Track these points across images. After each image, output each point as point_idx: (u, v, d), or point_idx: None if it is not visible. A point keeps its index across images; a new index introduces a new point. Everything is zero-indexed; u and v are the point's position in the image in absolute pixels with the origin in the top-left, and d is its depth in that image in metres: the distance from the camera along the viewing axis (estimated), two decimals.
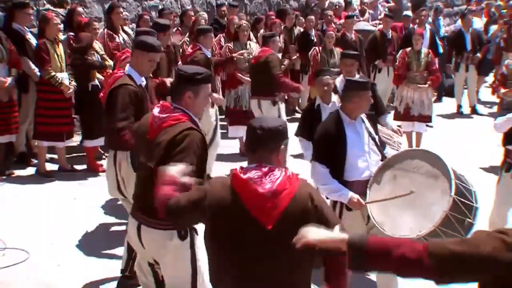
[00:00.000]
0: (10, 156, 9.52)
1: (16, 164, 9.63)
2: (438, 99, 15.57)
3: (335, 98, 6.99)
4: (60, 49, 9.30)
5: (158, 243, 4.67)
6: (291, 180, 3.55)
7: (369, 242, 2.89)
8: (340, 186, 5.36)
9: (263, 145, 3.60)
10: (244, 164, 3.69)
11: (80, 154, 10.24)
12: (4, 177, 9.11)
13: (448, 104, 15.43)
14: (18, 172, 9.43)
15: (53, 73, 8.93)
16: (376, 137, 5.64)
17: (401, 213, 5.02)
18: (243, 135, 10.10)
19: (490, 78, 16.46)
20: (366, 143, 5.49)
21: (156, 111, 4.66)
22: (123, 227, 7.12)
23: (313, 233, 3.17)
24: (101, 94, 6.33)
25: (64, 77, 9.18)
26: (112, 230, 7.66)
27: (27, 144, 9.80)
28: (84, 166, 9.79)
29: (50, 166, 9.63)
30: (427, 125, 11.77)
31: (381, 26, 14.25)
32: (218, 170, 9.05)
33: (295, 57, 13.46)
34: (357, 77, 5.83)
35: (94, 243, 7.35)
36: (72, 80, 9.26)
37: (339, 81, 8.10)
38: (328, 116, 5.82)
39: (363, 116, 5.62)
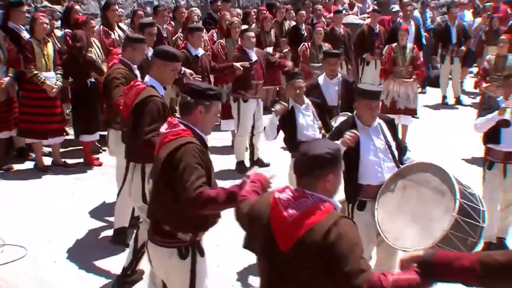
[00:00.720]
0: (10, 151, 9.40)
1: (15, 159, 9.50)
2: (422, 90, 15.45)
3: (307, 100, 6.91)
4: (49, 48, 8.98)
5: (160, 260, 4.52)
6: (320, 211, 3.31)
7: (436, 255, 3.07)
8: None
9: (306, 172, 3.40)
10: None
11: (76, 147, 10.11)
12: (1, 171, 8.97)
13: (433, 95, 15.33)
14: (16, 167, 9.29)
15: (35, 72, 8.65)
16: (393, 143, 5.48)
17: (406, 224, 4.94)
18: (235, 128, 10.18)
19: (474, 69, 16.47)
20: (380, 150, 5.36)
21: (162, 128, 4.46)
22: None
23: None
24: (121, 107, 5.95)
25: (50, 76, 8.88)
26: (108, 225, 7.48)
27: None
28: (81, 160, 9.62)
29: (47, 160, 9.48)
30: (413, 117, 11.79)
31: (369, 20, 14.05)
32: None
33: (286, 50, 13.20)
34: (367, 85, 5.70)
35: (90, 238, 7.26)
36: (58, 80, 8.96)
37: (321, 79, 8.06)
38: (344, 120, 5.75)
39: (382, 122, 5.50)
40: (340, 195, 4.59)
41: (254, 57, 9.61)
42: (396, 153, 5.46)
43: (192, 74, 8.39)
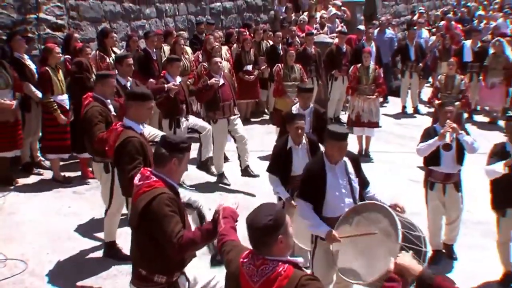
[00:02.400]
0: (14, 168, 9.22)
1: (20, 173, 9.29)
2: (385, 101, 15.41)
3: (304, 139, 6.62)
4: (60, 74, 9.06)
5: None
6: (281, 277, 3.20)
7: (436, 280, 3.15)
8: (319, 221, 5.19)
9: (258, 243, 3.30)
10: None
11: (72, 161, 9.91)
12: (11, 186, 8.79)
13: (394, 104, 15.29)
14: (22, 181, 9.07)
15: (51, 99, 8.76)
16: (356, 180, 5.36)
17: (355, 257, 4.83)
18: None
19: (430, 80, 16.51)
20: (344, 186, 5.26)
21: (136, 179, 4.32)
22: None
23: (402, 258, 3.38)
24: (107, 148, 5.87)
25: (64, 98, 8.97)
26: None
27: (31, 156, 9.48)
28: (78, 173, 9.44)
29: (48, 174, 9.33)
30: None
31: (337, 40, 13.93)
32: None
33: (263, 67, 13.10)
34: (337, 127, 5.46)
35: (87, 251, 7.07)
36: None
37: (294, 109, 7.93)
38: (314, 158, 5.67)
39: (347, 160, 5.37)
40: None
41: (221, 81, 9.37)
42: (357, 188, 5.35)
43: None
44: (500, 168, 6.42)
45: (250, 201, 7.81)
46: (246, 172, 9.59)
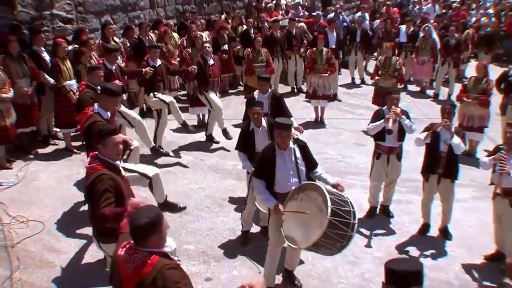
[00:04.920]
0: (34, 140, 9.11)
1: (40, 144, 9.18)
2: (338, 73, 15.08)
3: (264, 122, 6.46)
4: (68, 63, 8.88)
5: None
6: (147, 265, 3.21)
7: None
8: (269, 196, 5.20)
9: (136, 239, 3.30)
10: None
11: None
12: (31, 156, 8.70)
13: (346, 75, 15.08)
14: (41, 151, 8.98)
15: (64, 83, 8.67)
16: (303, 163, 5.30)
17: (296, 227, 4.88)
18: (200, 113, 10.49)
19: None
20: (291, 168, 5.22)
21: (86, 162, 4.44)
22: None
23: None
24: (79, 126, 6.02)
25: (72, 83, 8.79)
26: None
27: (48, 130, 9.38)
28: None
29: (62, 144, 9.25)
30: (336, 100, 12.25)
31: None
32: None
33: (239, 47, 12.88)
34: (282, 119, 5.40)
35: None
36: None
37: (256, 94, 7.77)
38: (268, 144, 5.56)
39: (296, 147, 5.31)
40: None
41: (211, 62, 9.52)
42: (303, 170, 5.30)
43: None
44: (422, 136, 6.58)
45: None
46: (210, 139, 9.75)
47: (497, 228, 6.42)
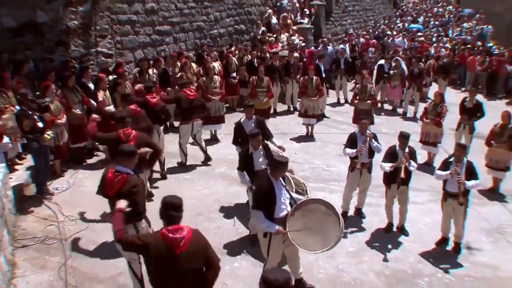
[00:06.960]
0: (82, 153, 9.37)
1: (87, 156, 9.46)
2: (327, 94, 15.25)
3: (261, 146, 6.44)
4: (107, 92, 9.24)
5: None
6: (189, 233, 3.82)
7: None
8: (270, 223, 4.97)
9: (177, 217, 3.85)
10: None
11: None
12: (81, 165, 9.04)
13: (333, 96, 15.17)
14: (88, 161, 9.30)
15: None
16: (289, 190, 5.27)
17: (309, 237, 4.81)
18: (212, 129, 10.81)
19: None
20: (284, 194, 5.10)
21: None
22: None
23: None
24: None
25: (111, 108, 9.08)
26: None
27: (92, 144, 9.59)
28: None
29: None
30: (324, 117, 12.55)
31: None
32: None
33: (244, 74, 13.07)
34: (279, 156, 5.17)
35: None
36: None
37: (242, 119, 7.67)
38: (262, 178, 5.14)
39: (281, 178, 5.13)
40: None
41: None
42: (288, 190, 5.25)
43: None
44: (388, 167, 6.82)
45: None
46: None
47: (445, 220, 6.82)
